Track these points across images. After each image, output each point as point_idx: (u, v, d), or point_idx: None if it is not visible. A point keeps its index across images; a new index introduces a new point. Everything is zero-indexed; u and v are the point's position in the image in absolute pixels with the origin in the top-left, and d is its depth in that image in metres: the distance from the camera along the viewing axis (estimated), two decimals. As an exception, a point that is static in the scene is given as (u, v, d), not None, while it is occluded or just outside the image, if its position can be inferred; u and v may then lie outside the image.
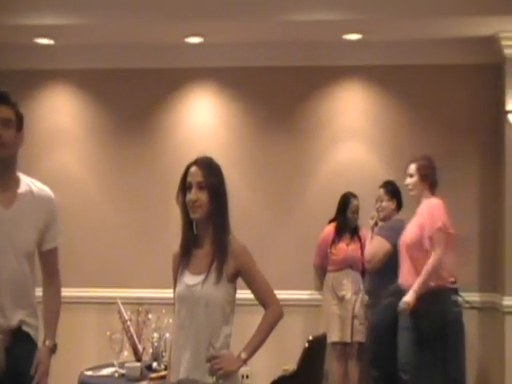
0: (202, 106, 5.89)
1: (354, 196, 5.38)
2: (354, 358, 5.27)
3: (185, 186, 2.72)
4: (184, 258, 2.75)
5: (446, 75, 5.64)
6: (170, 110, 5.87)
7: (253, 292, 2.72)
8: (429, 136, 5.64)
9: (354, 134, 5.76)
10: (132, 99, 5.84)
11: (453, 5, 4.89)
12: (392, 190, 5.19)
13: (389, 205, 5.16)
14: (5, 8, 5.01)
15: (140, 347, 3.57)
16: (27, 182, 2.78)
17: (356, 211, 5.37)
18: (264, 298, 2.71)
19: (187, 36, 5.41)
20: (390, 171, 5.63)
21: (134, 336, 3.56)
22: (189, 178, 2.71)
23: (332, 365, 5.20)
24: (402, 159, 5.62)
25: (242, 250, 2.72)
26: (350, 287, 5.25)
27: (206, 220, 2.69)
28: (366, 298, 5.22)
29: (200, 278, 2.66)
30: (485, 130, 5.60)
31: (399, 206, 5.20)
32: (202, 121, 5.87)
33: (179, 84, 5.84)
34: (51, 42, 5.49)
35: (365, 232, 5.37)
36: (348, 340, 5.19)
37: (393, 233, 4.89)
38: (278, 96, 5.78)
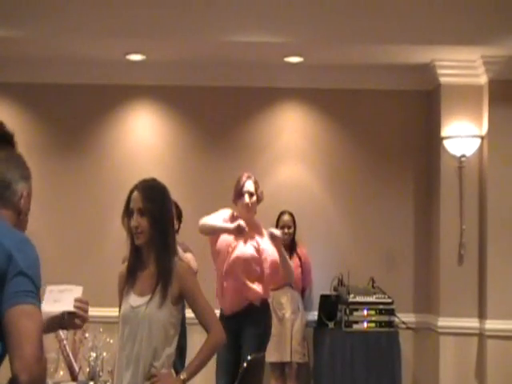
0: (142, 123, 5.85)
1: (285, 212, 5.43)
2: (293, 379, 5.27)
3: (128, 211, 2.73)
4: (129, 278, 2.77)
5: (383, 100, 5.79)
6: (109, 127, 5.80)
7: (195, 314, 2.74)
8: (365, 159, 5.77)
9: (293, 155, 5.83)
10: (69, 115, 5.75)
11: (391, 32, 5.05)
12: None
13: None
14: None
15: (76, 366, 3.46)
16: None
17: (286, 226, 5.40)
18: (206, 321, 2.72)
19: (128, 53, 5.38)
20: (328, 191, 5.74)
21: (70, 355, 3.45)
22: (131, 204, 2.72)
23: (270, 385, 5.19)
24: (339, 180, 5.76)
25: (186, 272, 2.73)
26: (289, 306, 5.26)
27: (149, 244, 2.71)
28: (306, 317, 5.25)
29: (144, 300, 2.67)
30: (420, 155, 5.77)
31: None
32: (142, 138, 5.83)
33: (119, 101, 5.79)
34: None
35: (304, 250, 5.42)
36: (287, 360, 5.19)
37: None
38: (218, 116, 5.80)
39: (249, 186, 4.28)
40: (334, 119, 5.84)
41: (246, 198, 4.26)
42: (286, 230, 5.34)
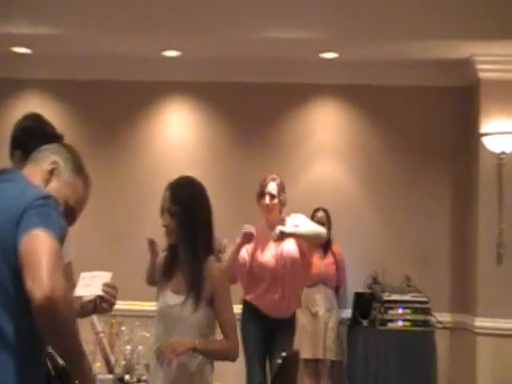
0: (177, 119, 5.87)
1: (319, 209, 5.40)
2: (326, 376, 5.24)
3: (162, 209, 2.71)
4: (166, 273, 2.76)
5: (419, 96, 5.71)
6: (145, 123, 5.84)
7: (218, 320, 2.69)
8: (401, 156, 5.71)
9: (327, 152, 5.79)
10: (106, 111, 5.80)
11: (429, 27, 4.97)
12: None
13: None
14: None
15: (112, 359, 3.50)
16: None
17: (320, 223, 5.36)
18: (226, 331, 2.67)
19: (164, 49, 5.41)
20: (362, 189, 5.69)
21: (107, 348, 3.49)
22: (161, 202, 2.70)
23: (303, 382, 5.16)
24: (374, 177, 5.70)
25: (219, 275, 2.68)
26: (323, 304, 5.23)
27: (180, 244, 2.69)
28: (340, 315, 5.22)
29: (179, 299, 2.65)
30: (458, 152, 5.67)
31: None
32: (176, 135, 5.85)
33: (154, 97, 5.82)
34: (28, 51, 5.44)
35: (339, 248, 5.38)
36: (320, 357, 5.16)
37: None
38: (253, 112, 5.79)
39: (271, 187, 4.24)
40: (369, 116, 5.79)
41: (267, 199, 4.22)
42: None
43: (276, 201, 4.23)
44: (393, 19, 4.97)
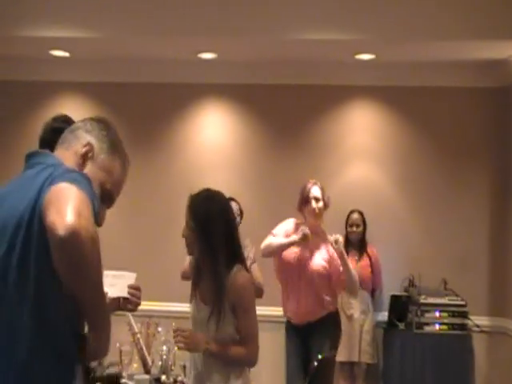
0: (213, 121, 5.90)
1: (355, 211, 5.38)
2: (361, 379, 5.21)
3: None
4: (195, 278, 2.82)
5: (457, 97, 5.64)
6: (181, 125, 5.89)
7: (238, 330, 2.70)
8: (438, 158, 5.65)
9: (364, 154, 5.76)
10: (143, 113, 5.86)
11: (466, 28, 4.91)
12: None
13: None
14: (20, 21, 5.04)
15: (149, 360, 3.53)
16: None
17: (355, 224, 5.35)
18: (246, 340, 2.69)
19: (200, 52, 5.44)
20: (399, 191, 5.64)
21: (144, 348, 3.52)
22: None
23: (339, 385, 5.15)
24: (411, 179, 5.65)
25: (242, 286, 2.69)
26: (358, 306, 5.20)
27: (201, 256, 2.74)
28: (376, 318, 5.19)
29: (207, 310, 2.70)
30: (496, 153, 5.59)
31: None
32: (212, 137, 5.88)
33: (190, 99, 5.86)
34: (66, 54, 5.52)
35: (374, 250, 5.35)
36: (355, 359, 5.13)
37: None
38: (289, 114, 5.79)
39: (315, 191, 4.24)
40: (405, 118, 5.74)
41: (313, 204, 4.21)
42: (354, 229, 5.31)
43: (321, 204, 4.22)
44: (429, 20, 4.91)
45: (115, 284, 2.55)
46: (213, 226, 2.67)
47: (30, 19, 5.06)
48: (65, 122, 2.73)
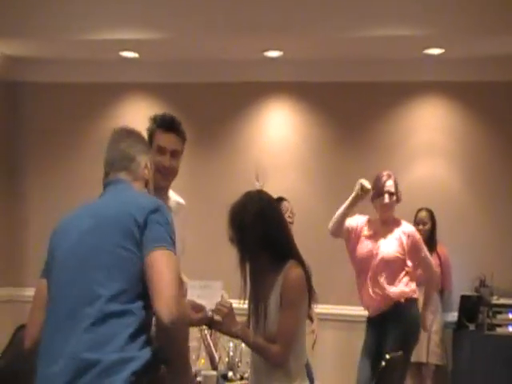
0: (279, 120, 5.91)
1: (423, 209, 5.29)
2: (429, 381, 5.12)
3: None
4: (244, 281, 2.79)
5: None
6: (247, 124, 5.92)
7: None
8: (508, 155, 5.49)
9: (431, 151, 5.66)
10: (209, 112, 5.92)
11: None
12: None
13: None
14: (90, 23, 5.18)
15: (216, 356, 3.57)
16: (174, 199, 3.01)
17: (421, 223, 5.25)
18: (277, 337, 2.63)
19: (266, 50, 5.45)
20: (469, 189, 5.51)
21: (211, 345, 3.56)
22: None
23: (407, 386, 5.07)
24: (481, 177, 5.51)
25: (290, 282, 2.65)
26: (427, 306, 5.11)
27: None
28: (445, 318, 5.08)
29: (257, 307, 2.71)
30: None
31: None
32: (279, 135, 5.89)
33: (256, 97, 5.88)
34: (136, 55, 5.64)
35: (444, 249, 5.24)
36: (423, 360, 5.04)
37: None
38: (354, 112, 5.74)
39: (389, 185, 4.19)
40: (475, 113, 5.60)
41: (386, 198, 4.18)
42: (421, 227, 5.21)
43: (394, 198, 4.19)
44: (500, 13, 4.78)
45: (203, 296, 2.59)
46: (250, 231, 2.66)
47: (100, 22, 5.19)
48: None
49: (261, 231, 2.67)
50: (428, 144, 5.66)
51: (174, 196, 3.00)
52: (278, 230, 2.73)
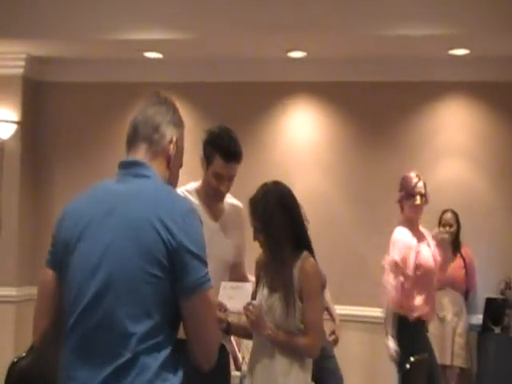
0: (302, 119, 5.89)
1: (448, 210, 5.23)
2: (454, 383, 5.07)
3: None
4: (261, 272, 2.83)
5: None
6: (270, 123, 5.91)
7: (302, 318, 2.68)
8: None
9: (457, 151, 5.60)
10: (233, 112, 5.91)
11: None
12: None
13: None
14: (114, 23, 5.21)
15: (240, 356, 3.57)
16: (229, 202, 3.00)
17: (447, 224, 5.20)
18: (308, 330, 2.66)
19: (290, 50, 5.44)
20: (494, 190, 5.44)
21: (235, 345, 3.56)
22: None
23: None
24: (507, 178, 5.44)
25: (308, 272, 2.68)
26: (451, 308, 5.06)
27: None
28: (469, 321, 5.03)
29: (275, 297, 2.70)
30: None
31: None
32: (302, 134, 5.87)
33: (279, 97, 5.87)
34: (159, 55, 5.66)
35: (469, 251, 5.19)
36: (447, 363, 4.99)
37: None
38: (379, 111, 5.70)
39: (420, 186, 4.14)
40: (500, 114, 5.54)
41: (418, 200, 4.11)
42: (447, 229, 5.15)
43: (424, 200, 4.14)
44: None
45: (234, 296, 2.64)
46: (274, 219, 2.69)
47: (124, 23, 5.21)
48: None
49: (284, 217, 2.71)
50: (452, 145, 5.61)
51: (229, 198, 2.99)
52: (298, 219, 2.78)
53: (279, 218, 2.70)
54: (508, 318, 5.03)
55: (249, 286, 2.65)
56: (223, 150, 2.79)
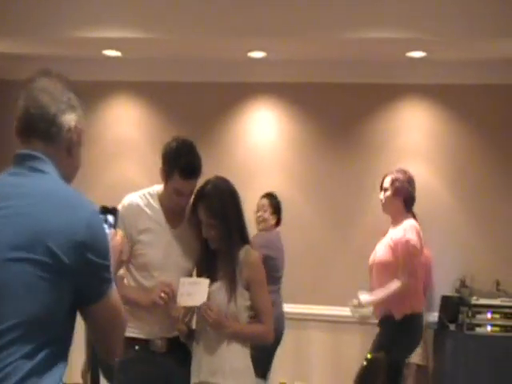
0: (263, 120, 5.92)
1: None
2: (411, 380, 5.15)
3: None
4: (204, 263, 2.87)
5: (510, 95, 5.52)
6: (231, 124, 5.92)
7: (254, 308, 2.79)
8: (490, 158, 5.54)
9: (416, 152, 5.70)
10: (194, 112, 5.91)
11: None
12: (276, 205, 4.91)
13: (270, 218, 4.90)
14: (74, 21, 5.15)
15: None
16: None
17: None
18: (263, 318, 2.78)
19: (250, 51, 5.46)
20: (451, 191, 5.55)
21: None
22: (199, 215, 2.80)
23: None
24: (464, 179, 5.55)
25: (256, 262, 2.80)
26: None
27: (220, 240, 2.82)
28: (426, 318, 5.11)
29: (218, 284, 2.76)
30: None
31: (278, 221, 4.95)
32: (263, 135, 5.90)
33: (240, 98, 5.89)
34: (118, 54, 5.62)
35: (427, 252, 5.27)
36: (405, 360, 5.08)
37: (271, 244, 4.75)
38: (339, 113, 5.77)
39: (385, 181, 4.23)
40: (458, 116, 5.65)
41: (381, 194, 4.24)
42: None
43: (388, 193, 4.18)
44: (481, 17, 4.82)
45: (193, 293, 2.68)
46: (229, 215, 2.77)
47: (84, 21, 5.16)
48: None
49: (236, 209, 2.81)
50: (411, 146, 5.70)
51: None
52: (243, 215, 2.86)
53: (233, 214, 2.78)
54: (463, 315, 5.14)
55: (206, 281, 2.68)
56: (182, 167, 2.76)
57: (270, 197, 4.93)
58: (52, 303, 1.55)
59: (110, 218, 1.83)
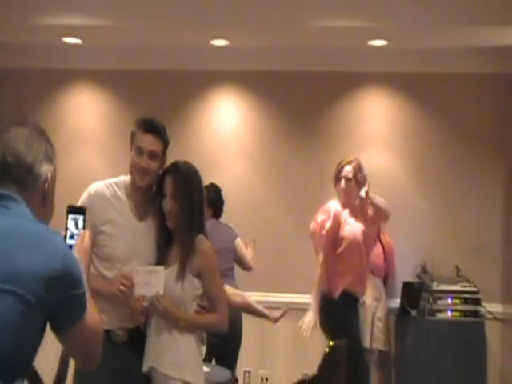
0: (226, 108, 5.90)
1: None
2: (374, 366, 5.22)
3: (162, 193, 2.83)
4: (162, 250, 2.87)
5: (474, 84, 5.59)
6: (194, 112, 5.89)
7: (207, 297, 2.80)
8: (452, 146, 5.61)
9: (377, 141, 5.74)
10: (156, 100, 5.86)
11: (481, 13, 4.85)
12: (213, 197, 4.72)
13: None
14: (34, 8, 5.05)
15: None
16: None
17: None
18: (216, 307, 2.79)
19: (213, 38, 5.42)
20: (413, 178, 5.62)
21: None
22: (164, 188, 2.81)
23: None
24: (425, 167, 5.62)
25: (208, 252, 2.80)
26: (370, 293, 5.20)
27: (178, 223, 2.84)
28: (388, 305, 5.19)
29: (170, 270, 2.77)
30: (511, 141, 5.54)
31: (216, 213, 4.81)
32: (226, 123, 5.88)
33: (203, 86, 5.86)
34: (79, 41, 5.53)
35: (388, 237, 5.34)
36: (367, 346, 5.14)
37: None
38: (301, 101, 5.77)
39: (347, 170, 4.25)
40: (419, 104, 5.70)
41: (342, 184, 4.25)
42: None
43: (353, 183, 4.22)
44: (444, 5, 4.86)
45: (149, 282, 2.67)
46: (196, 196, 2.80)
47: (44, 7, 5.06)
48: None
49: (201, 195, 2.84)
50: (373, 134, 5.75)
51: None
52: (203, 203, 2.88)
53: (198, 196, 2.81)
54: (424, 301, 5.22)
55: (161, 269, 2.67)
56: (143, 121, 2.87)
57: (207, 189, 4.87)
58: (25, 335, 1.54)
59: (79, 217, 1.86)
